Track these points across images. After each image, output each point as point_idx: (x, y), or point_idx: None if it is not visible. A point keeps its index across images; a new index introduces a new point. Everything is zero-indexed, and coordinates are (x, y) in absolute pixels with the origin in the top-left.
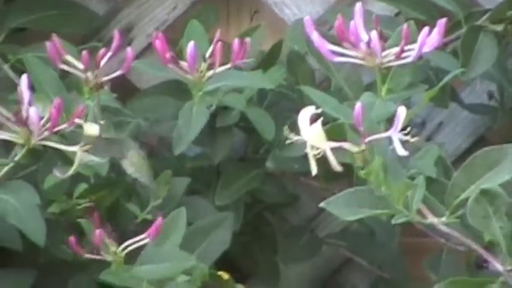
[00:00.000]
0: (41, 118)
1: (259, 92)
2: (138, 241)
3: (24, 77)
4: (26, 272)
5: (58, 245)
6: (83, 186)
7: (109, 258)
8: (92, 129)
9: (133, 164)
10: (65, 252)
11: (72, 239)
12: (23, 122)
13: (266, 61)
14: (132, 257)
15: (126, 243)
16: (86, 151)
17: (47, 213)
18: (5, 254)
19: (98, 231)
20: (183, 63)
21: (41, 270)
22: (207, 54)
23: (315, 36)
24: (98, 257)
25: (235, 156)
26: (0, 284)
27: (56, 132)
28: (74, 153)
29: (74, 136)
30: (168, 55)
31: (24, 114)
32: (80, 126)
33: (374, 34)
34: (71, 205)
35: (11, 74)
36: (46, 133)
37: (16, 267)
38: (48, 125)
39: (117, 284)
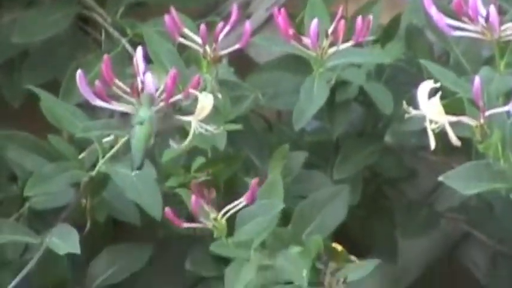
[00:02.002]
0: (157, 89)
1: (378, 66)
2: (236, 205)
3: (139, 48)
4: (144, 246)
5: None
6: (200, 160)
7: (209, 225)
8: (207, 99)
9: None
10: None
11: (167, 210)
12: (138, 93)
13: (385, 35)
14: None
15: (225, 209)
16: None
17: (164, 187)
18: (124, 229)
19: (193, 198)
20: (305, 40)
21: (159, 244)
22: (330, 31)
23: (433, 11)
24: (196, 225)
25: (353, 130)
26: (119, 258)
27: (172, 103)
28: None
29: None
30: (290, 31)
31: (139, 84)
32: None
33: (492, 8)
34: (189, 179)
35: (129, 48)
36: (161, 104)
37: (135, 241)
38: (164, 96)
39: (226, 254)
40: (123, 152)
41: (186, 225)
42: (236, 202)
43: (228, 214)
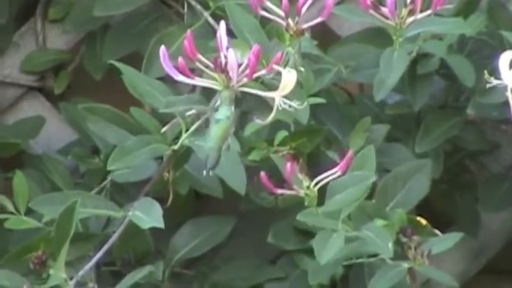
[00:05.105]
0: (240, 64)
1: (460, 39)
2: (330, 175)
3: (222, 23)
4: (226, 219)
5: (258, 192)
6: (283, 134)
7: (301, 193)
8: (290, 75)
9: None
10: (264, 199)
11: (263, 174)
12: (222, 68)
13: (466, 8)
14: None
15: (318, 178)
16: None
17: (247, 161)
18: (206, 202)
19: (289, 164)
20: (384, 9)
21: (241, 217)
22: (408, 0)
23: None
24: (289, 192)
25: (435, 103)
26: (202, 230)
27: (255, 79)
28: (273, 99)
29: (273, 83)
30: (368, 1)
31: (222, 60)
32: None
33: None
34: (271, 152)
35: (211, 21)
36: (245, 79)
37: (216, 214)
38: (247, 71)
39: (313, 224)
40: (206, 125)
41: (279, 191)
42: (329, 172)
43: (321, 183)
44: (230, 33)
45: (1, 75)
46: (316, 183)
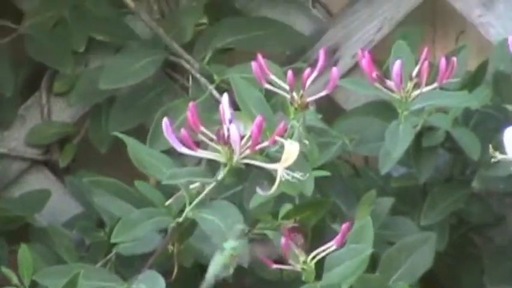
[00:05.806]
0: (242, 136)
1: (465, 112)
2: (326, 249)
3: (225, 95)
4: None
5: (263, 265)
6: (287, 207)
7: (298, 268)
8: (292, 146)
9: None
10: (270, 272)
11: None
12: (224, 140)
13: (472, 81)
14: None
15: (314, 252)
16: (288, 169)
17: (251, 234)
18: None
19: (284, 240)
20: (390, 82)
21: None
22: (414, 73)
23: None
24: (285, 267)
25: (440, 176)
26: None
27: (258, 151)
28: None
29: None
30: (374, 74)
31: (225, 132)
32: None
33: None
34: (276, 225)
35: (216, 94)
36: (248, 151)
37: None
38: (250, 143)
39: None
40: (211, 197)
41: (275, 266)
42: (325, 246)
43: (317, 258)
44: (235, 105)
45: (7, 149)
46: (313, 258)
